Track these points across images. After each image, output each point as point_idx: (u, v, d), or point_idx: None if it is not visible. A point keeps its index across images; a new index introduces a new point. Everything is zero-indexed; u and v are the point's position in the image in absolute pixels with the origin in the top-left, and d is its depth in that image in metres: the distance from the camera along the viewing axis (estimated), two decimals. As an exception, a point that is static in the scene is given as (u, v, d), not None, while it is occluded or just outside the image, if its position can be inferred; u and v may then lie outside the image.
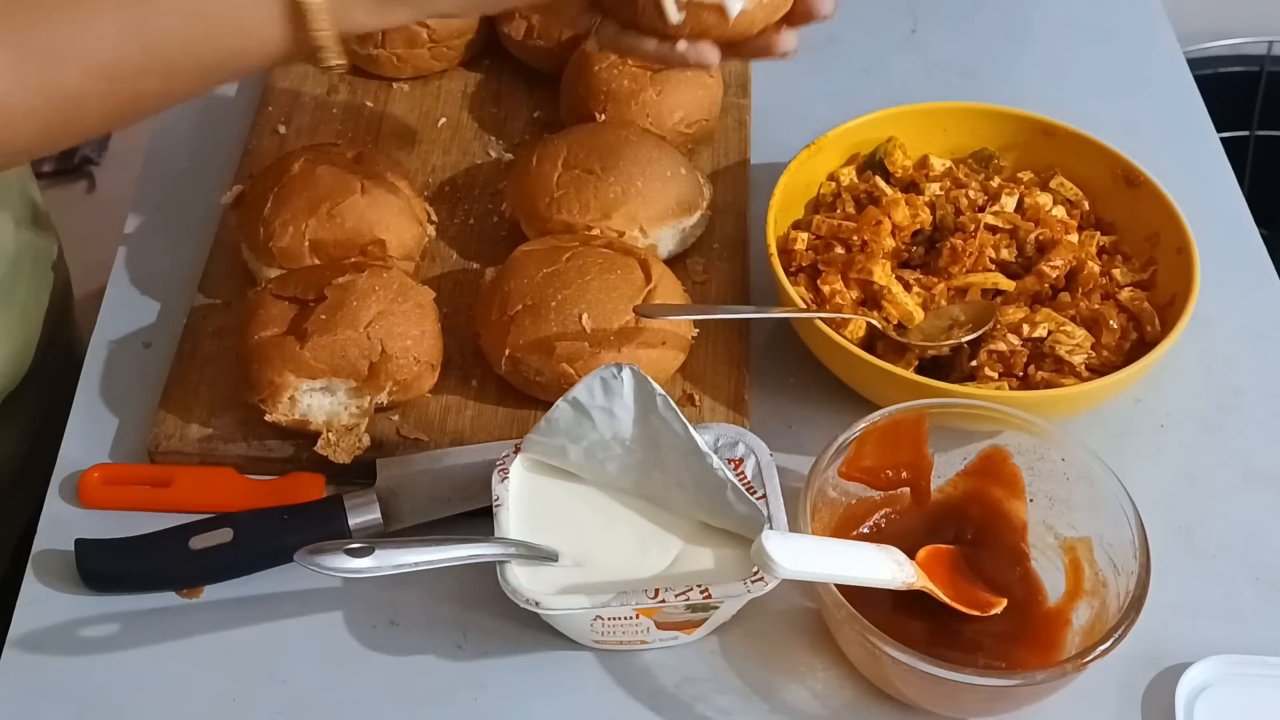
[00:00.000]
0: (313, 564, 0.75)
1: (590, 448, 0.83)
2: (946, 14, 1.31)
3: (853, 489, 0.87)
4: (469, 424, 0.94)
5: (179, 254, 1.05)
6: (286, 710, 0.82)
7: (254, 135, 1.13)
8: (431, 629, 0.85)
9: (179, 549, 0.85)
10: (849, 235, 0.99)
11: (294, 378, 0.89)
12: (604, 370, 0.81)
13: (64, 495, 0.91)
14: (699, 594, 0.78)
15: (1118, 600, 0.80)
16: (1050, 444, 0.86)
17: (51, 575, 0.87)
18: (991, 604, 0.83)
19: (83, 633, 0.84)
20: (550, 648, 0.84)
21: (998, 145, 1.08)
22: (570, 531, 0.83)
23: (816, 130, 1.05)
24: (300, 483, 0.90)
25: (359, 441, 0.90)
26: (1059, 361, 0.93)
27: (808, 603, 0.86)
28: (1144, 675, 0.84)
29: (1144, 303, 0.96)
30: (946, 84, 1.23)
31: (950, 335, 0.95)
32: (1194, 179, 1.11)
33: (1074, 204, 1.04)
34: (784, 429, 0.95)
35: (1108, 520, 0.82)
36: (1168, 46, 1.29)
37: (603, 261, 0.94)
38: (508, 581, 0.78)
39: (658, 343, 0.93)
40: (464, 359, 0.97)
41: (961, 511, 0.88)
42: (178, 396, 0.94)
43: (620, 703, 0.82)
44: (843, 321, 0.95)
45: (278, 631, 0.85)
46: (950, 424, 0.87)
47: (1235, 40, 1.84)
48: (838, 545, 0.82)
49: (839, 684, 0.83)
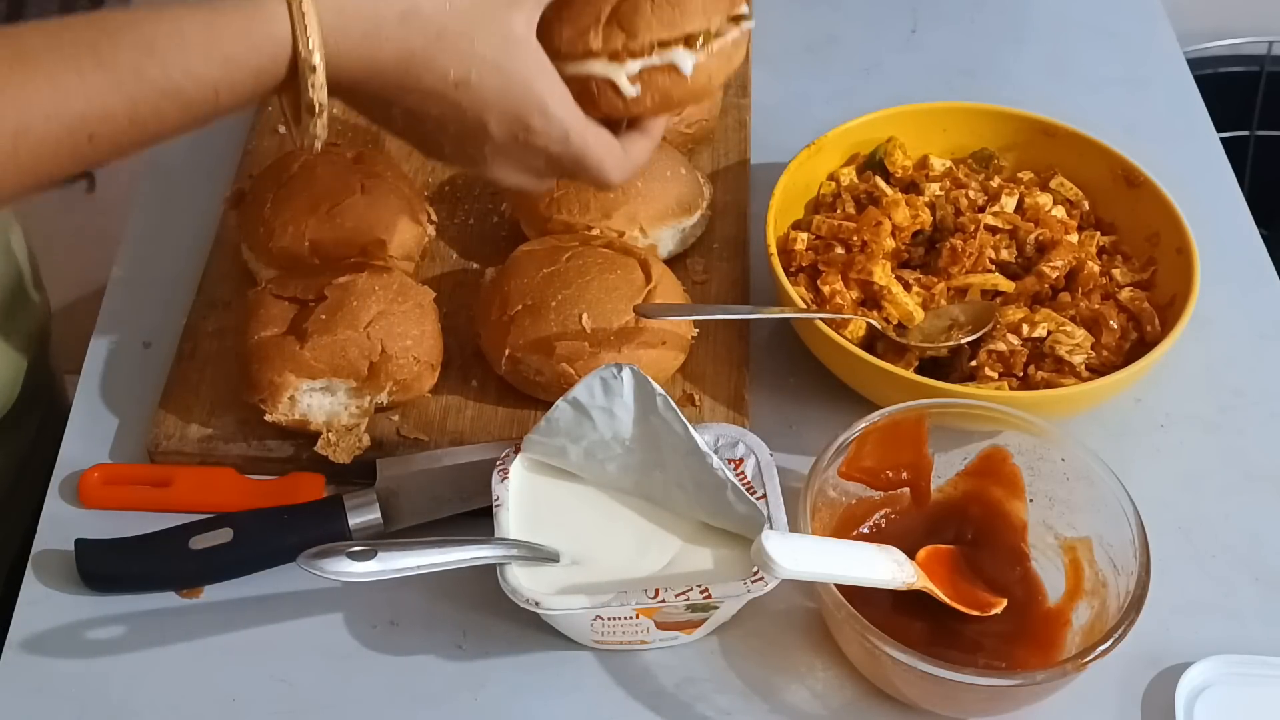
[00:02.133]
0: (315, 568, 0.75)
1: (590, 448, 0.83)
2: (946, 14, 1.31)
3: (853, 489, 0.87)
4: (469, 424, 0.94)
5: (179, 254, 1.05)
6: (286, 710, 0.82)
7: (254, 135, 1.13)
8: (431, 629, 0.85)
9: (179, 549, 0.85)
10: (849, 235, 0.99)
11: (294, 378, 0.89)
12: (604, 370, 0.81)
13: (64, 495, 0.91)
14: (699, 594, 0.78)
15: (1118, 600, 0.80)
16: (1050, 444, 0.86)
17: (51, 575, 0.87)
18: (991, 604, 0.83)
19: (83, 633, 0.84)
20: (550, 648, 0.84)
21: (998, 145, 1.08)
22: (570, 531, 0.83)
23: (816, 130, 1.05)
24: (300, 483, 0.90)
25: (359, 441, 0.90)
26: (1059, 361, 0.93)
27: (808, 603, 0.86)
28: (1144, 675, 0.84)
29: (1144, 303, 0.96)
30: (946, 84, 1.23)
31: (950, 336, 0.95)
32: (1194, 179, 1.11)
33: (1074, 204, 1.04)
34: (784, 429, 0.95)
35: (1108, 520, 0.82)
36: (1168, 46, 1.29)
37: (603, 261, 0.94)
38: (508, 581, 0.78)
39: (658, 343, 0.93)
40: (464, 359, 0.97)
41: (961, 511, 0.88)
42: (178, 396, 0.94)
43: (620, 703, 0.82)
44: (843, 321, 0.95)
45: (278, 631, 0.85)
46: (950, 424, 0.87)
47: (1235, 40, 1.84)
48: (838, 545, 0.82)
49: (839, 684, 0.83)
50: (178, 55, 0.67)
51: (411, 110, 0.75)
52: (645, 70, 0.78)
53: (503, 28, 0.74)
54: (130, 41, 0.67)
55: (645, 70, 0.78)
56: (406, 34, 0.71)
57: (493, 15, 0.73)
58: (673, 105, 0.81)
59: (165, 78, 0.67)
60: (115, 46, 0.66)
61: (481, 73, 0.73)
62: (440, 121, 0.75)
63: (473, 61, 0.73)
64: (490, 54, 0.73)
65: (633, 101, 0.79)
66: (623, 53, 0.78)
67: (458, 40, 0.72)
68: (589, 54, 0.78)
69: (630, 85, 0.78)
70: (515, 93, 0.74)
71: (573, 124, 0.77)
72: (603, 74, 0.78)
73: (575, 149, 0.77)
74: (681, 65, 0.79)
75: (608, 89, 0.78)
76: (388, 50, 0.71)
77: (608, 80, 0.78)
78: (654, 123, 0.83)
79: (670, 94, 0.80)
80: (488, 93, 0.74)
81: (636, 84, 0.78)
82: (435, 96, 0.74)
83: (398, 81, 0.73)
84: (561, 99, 0.76)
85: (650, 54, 0.78)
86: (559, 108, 0.76)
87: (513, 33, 0.74)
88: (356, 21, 0.70)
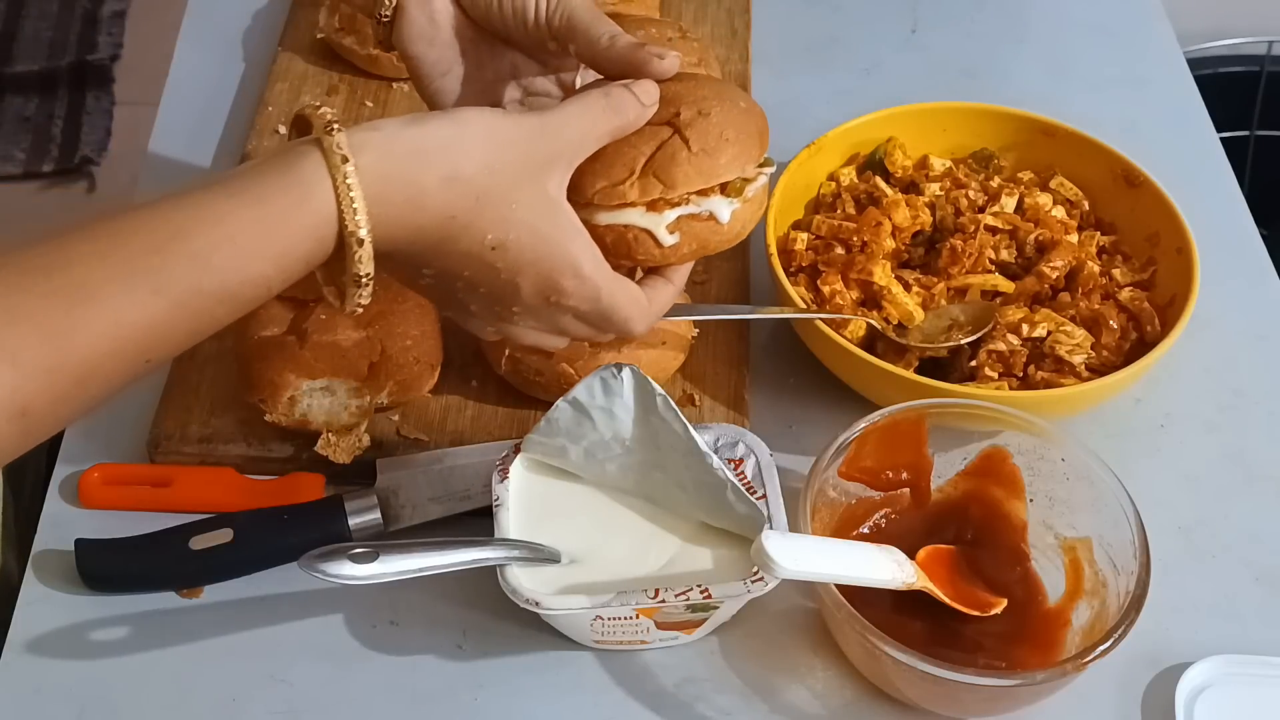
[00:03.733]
0: (317, 571, 0.74)
1: (590, 448, 0.83)
2: (946, 14, 1.31)
3: (853, 489, 0.87)
4: (469, 424, 0.94)
5: (179, 254, 1.05)
6: (286, 710, 0.82)
7: (254, 135, 1.12)
8: (431, 629, 0.85)
9: (179, 549, 0.85)
10: (849, 236, 0.99)
11: (294, 378, 0.89)
12: (604, 370, 0.81)
13: (64, 495, 0.91)
14: (699, 594, 0.78)
15: (1118, 600, 0.80)
16: (1050, 444, 0.86)
17: (51, 575, 0.86)
18: (991, 604, 0.83)
19: (83, 633, 0.84)
20: (550, 648, 0.84)
21: (998, 145, 1.08)
22: (570, 531, 0.83)
23: (816, 130, 1.05)
24: (300, 483, 0.90)
25: (359, 441, 0.90)
26: (1059, 361, 0.93)
27: (808, 603, 0.86)
28: (1144, 675, 0.84)
29: (1144, 303, 0.96)
30: (946, 84, 1.23)
31: (950, 336, 0.95)
32: (1194, 179, 1.11)
33: (1074, 204, 1.04)
34: (784, 429, 0.95)
35: (1108, 520, 0.82)
36: (1168, 46, 1.29)
37: (603, 262, 0.94)
38: (508, 581, 0.78)
39: (658, 343, 0.93)
40: (464, 359, 0.97)
41: (961, 511, 0.88)
42: (178, 396, 0.94)
43: (620, 703, 0.82)
44: (843, 322, 0.95)
45: (278, 632, 0.85)
46: (950, 424, 0.87)
47: (1235, 40, 1.84)
48: (838, 545, 0.82)
49: (839, 684, 0.83)
50: (233, 263, 0.65)
51: (445, 271, 0.74)
52: (683, 219, 0.79)
53: (540, 190, 0.73)
54: (183, 255, 0.64)
55: (683, 219, 0.79)
56: (449, 199, 0.70)
57: (530, 178, 0.73)
58: (708, 251, 0.81)
59: (222, 287, 0.65)
60: (169, 266, 0.64)
61: (519, 236, 0.72)
62: (471, 282, 0.74)
63: (510, 225, 0.72)
64: (528, 217, 0.73)
65: (670, 250, 0.79)
66: (661, 203, 0.78)
67: (497, 204, 0.71)
68: (625, 205, 0.78)
69: (669, 235, 0.78)
70: (551, 255, 0.74)
71: (604, 283, 0.76)
72: (641, 224, 0.78)
73: (605, 307, 0.77)
74: (719, 214, 0.79)
75: (646, 238, 0.78)
76: (429, 215, 0.70)
77: (646, 230, 0.78)
78: (679, 270, 0.82)
79: (708, 241, 0.80)
80: (524, 255, 0.73)
81: (675, 233, 0.79)
82: (471, 259, 0.73)
83: (436, 246, 0.72)
84: (594, 260, 0.76)
85: (688, 203, 0.78)
86: (592, 269, 0.75)
87: (548, 195, 0.74)
88: (399, 188, 0.69)
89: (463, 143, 0.70)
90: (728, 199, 0.80)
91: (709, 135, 0.78)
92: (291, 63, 1.18)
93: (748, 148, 0.80)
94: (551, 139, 0.74)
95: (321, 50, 1.18)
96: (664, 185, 0.77)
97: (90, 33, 2.04)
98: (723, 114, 0.79)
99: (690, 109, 0.78)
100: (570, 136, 0.75)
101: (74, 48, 2.00)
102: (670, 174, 0.77)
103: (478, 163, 0.70)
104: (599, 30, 0.79)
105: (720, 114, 0.79)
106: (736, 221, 0.80)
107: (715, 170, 0.78)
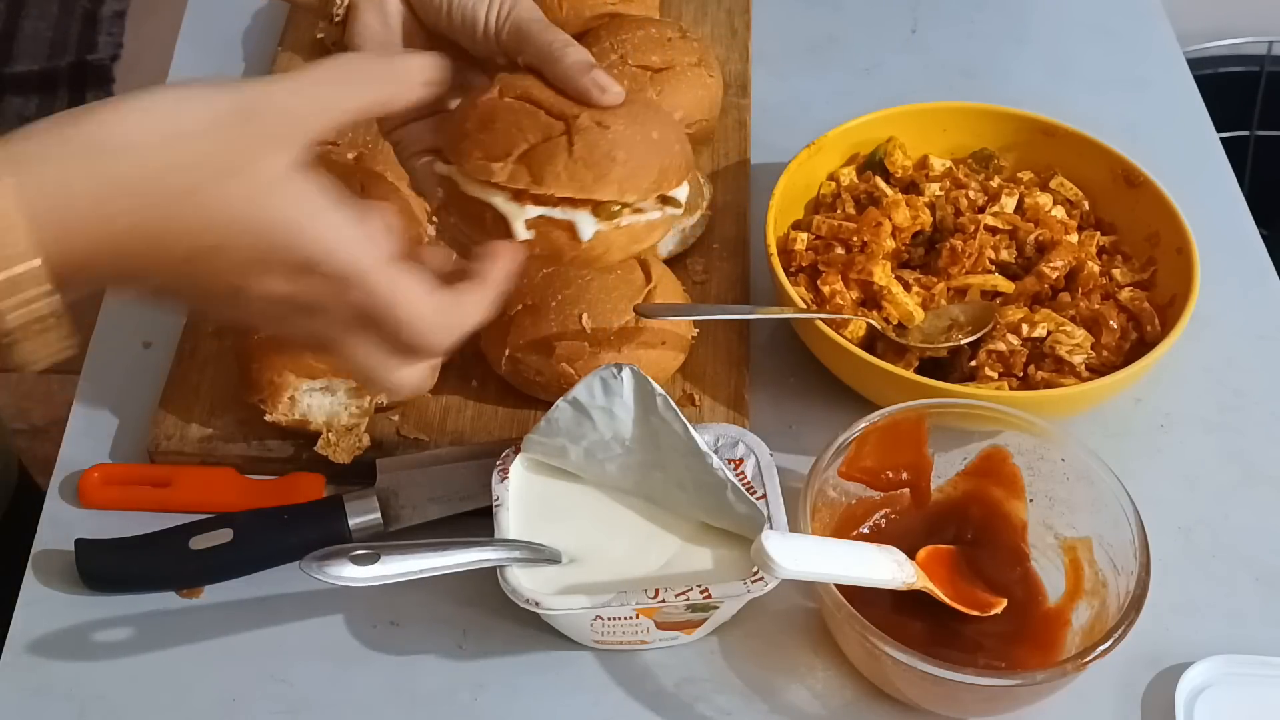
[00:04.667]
0: (318, 573, 0.74)
1: (590, 448, 0.83)
2: (946, 14, 1.31)
3: (853, 489, 0.87)
4: (469, 424, 0.94)
5: (179, 254, 1.05)
6: (286, 710, 0.82)
7: (254, 135, 1.12)
8: (431, 629, 0.85)
9: (179, 549, 0.85)
10: (849, 236, 0.99)
11: (294, 378, 0.89)
12: (604, 370, 0.81)
13: (64, 495, 0.91)
14: (699, 594, 0.78)
15: (1118, 600, 0.80)
16: (1050, 444, 0.86)
17: (51, 575, 0.87)
18: (991, 604, 0.83)
19: (83, 633, 0.84)
20: (550, 648, 0.84)
21: (998, 145, 1.08)
22: (570, 531, 0.83)
23: (816, 130, 1.05)
24: (300, 483, 0.90)
25: (359, 441, 0.90)
26: (1059, 361, 0.93)
27: (808, 603, 0.86)
28: (1144, 675, 0.84)
29: (1144, 303, 0.96)
30: (946, 84, 1.23)
31: (950, 336, 0.95)
32: (1194, 179, 1.11)
33: (1074, 204, 1.04)
34: (784, 429, 0.95)
35: (1108, 520, 0.82)
36: (1168, 46, 1.29)
37: (602, 262, 0.93)
38: (508, 582, 0.79)
39: (658, 343, 0.93)
40: (464, 359, 0.97)
41: (961, 511, 0.88)
42: (178, 396, 0.94)
43: (620, 703, 0.82)
44: (843, 322, 0.95)
45: (278, 632, 0.85)
46: (950, 424, 0.87)
47: (1235, 40, 1.84)
48: (838, 545, 0.82)
49: (839, 684, 0.83)
50: None
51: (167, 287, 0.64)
52: (543, 219, 0.74)
53: (254, 177, 0.62)
54: None
55: (543, 219, 0.74)
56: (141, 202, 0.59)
57: (241, 166, 0.62)
58: (559, 263, 0.76)
59: None
60: None
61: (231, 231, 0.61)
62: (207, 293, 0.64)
63: (221, 220, 0.61)
64: (240, 208, 0.61)
65: (521, 245, 0.74)
66: (525, 195, 0.73)
67: (204, 199, 0.61)
68: (491, 184, 0.73)
69: (524, 230, 0.73)
70: (281, 244, 0.62)
71: (369, 264, 0.63)
72: (501, 209, 0.73)
73: (380, 296, 0.64)
74: (581, 229, 0.73)
75: (501, 224, 0.74)
76: (121, 224, 0.59)
77: (503, 217, 0.74)
78: (495, 270, 0.70)
79: (561, 251, 0.74)
80: (244, 252, 0.62)
81: (531, 230, 0.73)
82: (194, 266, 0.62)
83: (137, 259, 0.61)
84: (352, 240, 0.63)
85: (553, 206, 0.73)
86: (347, 248, 0.63)
87: (265, 180, 0.62)
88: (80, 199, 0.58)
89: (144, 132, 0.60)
90: (594, 218, 0.74)
91: (596, 148, 0.72)
92: (291, 63, 1.18)
93: (637, 177, 0.73)
94: (269, 119, 0.63)
95: (322, 51, 1.18)
96: (532, 179, 0.72)
97: (90, 33, 2.04)
98: (624, 134, 0.73)
99: (593, 116, 0.73)
100: (299, 112, 0.64)
101: (74, 48, 2.00)
102: (541, 170, 0.72)
103: (166, 158, 0.60)
104: (547, 39, 0.74)
105: (621, 133, 0.73)
106: (600, 243, 0.74)
107: (588, 184, 0.72)
